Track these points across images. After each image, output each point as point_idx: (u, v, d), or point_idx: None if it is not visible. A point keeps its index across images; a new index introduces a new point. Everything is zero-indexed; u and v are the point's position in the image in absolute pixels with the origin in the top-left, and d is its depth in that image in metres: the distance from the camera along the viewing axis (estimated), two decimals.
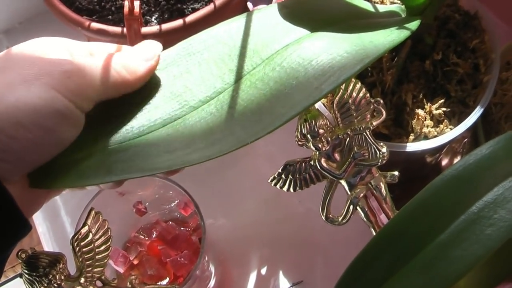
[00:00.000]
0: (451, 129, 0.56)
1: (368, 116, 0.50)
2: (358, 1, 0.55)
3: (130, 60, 0.45)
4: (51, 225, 0.75)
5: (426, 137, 0.55)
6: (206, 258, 0.63)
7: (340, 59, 0.44)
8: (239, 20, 0.50)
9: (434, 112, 0.56)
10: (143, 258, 0.60)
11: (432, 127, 0.56)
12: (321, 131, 0.49)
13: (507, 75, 0.63)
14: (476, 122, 0.56)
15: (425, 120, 0.56)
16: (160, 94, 0.46)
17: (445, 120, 0.56)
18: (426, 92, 0.57)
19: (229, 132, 0.43)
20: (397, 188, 0.54)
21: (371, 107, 0.49)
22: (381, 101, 0.49)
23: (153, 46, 0.47)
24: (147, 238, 0.61)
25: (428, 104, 0.56)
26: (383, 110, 0.49)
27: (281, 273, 0.70)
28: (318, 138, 0.49)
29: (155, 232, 0.61)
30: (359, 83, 0.49)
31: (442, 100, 0.56)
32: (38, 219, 0.76)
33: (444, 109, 0.56)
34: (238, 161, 0.73)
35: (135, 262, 0.60)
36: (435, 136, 0.55)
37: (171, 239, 0.60)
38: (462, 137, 0.70)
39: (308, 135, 0.49)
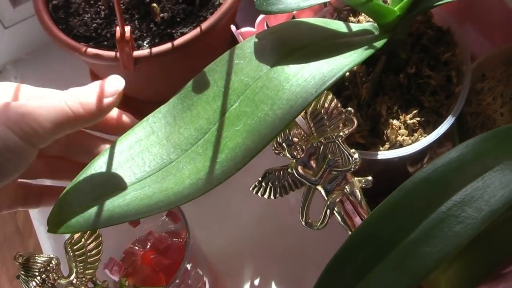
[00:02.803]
0: (425, 137, 0.59)
1: (340, 125, 0.53)
2: (332, 22, 0.59)
3: (86, 97, 0.49)
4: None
5: (401, 145, 0.59)
6: (200, 272, 0.66)
7: (300, 89, 0.49)
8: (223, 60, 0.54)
9: (409, 121, 0.59)
10: (137, 267, 0.63)
11: (406, 136, 0.59)
12: (295, 139, 0.52)
13: (482, 86, 0.66)
14: (449, 129, 0.59)
15: (399, 130, 0.59)
16: (158, 142, 0.51)
17: (420, 129, 0.59)
18: (401, 103, 0.60)
19: (210, 171, 0.48)
20: (382, 197, 0.57)
21: (343, 116, 0.53)
22: (352, 111, 0.52)
23: (115, 82, 0.51)
24: (141, 249, 0.65)
25: (403, 114, 0.60)
26: (354, 119, 0.52)
27: (273, 284, 0.73)
28: (293, 147, 0.52)
29: (149, 244, 0.65)
30: (331, 95, 0.53)
31: (416, 111, 0.60)
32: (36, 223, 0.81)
33: (418, 118, 0.59)
34: (232, 176, 0.77)
35: (130, 271, 0.63)
36: (410, 144, 0.58)
37: (164, 249, 0.64)
38: (446, 148, 0.73)
39: (284, 144, 0.52)
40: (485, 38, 0.82)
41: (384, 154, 0.58)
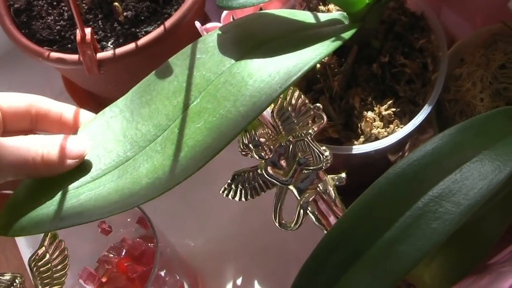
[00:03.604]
0: (402, 128, 0.57)
1: (309, 121, 0.50)
2: (299, 13, 0.57)
3: (49, 153, 0.47)
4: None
5: (376, 138, 0.56)
6: (177, 277, 0.64)
7: (264, 85, 0.47)
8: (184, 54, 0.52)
9: (384, 113, 0.57)
10: (111, 275, 0.61)
11: (382, 128, 0.56)
12: (262, 140, 0.50)
13: (460, 71, 0.64)
14: (426, 119, 0.57)
15: (374, 122, 0.56)
16: (114, 138, 0.48)
17: (396, 120, 0.57)
18: (375, 94, 0.58)
19: (169, 170, 0.45)
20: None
21: (312, 112, 0.50)
22: (321, 106, 0.50)
23: (80, 145, 0.48)
24: (116, 257, 0.63)
25: (378, 105, 0.57)
26: (323, 115, 0.50)
27: (256, 283, 0.71)
28: (260, 147, 0.50)
29: (124, 251, 0.63)
30: (297, 91, 0.50)
31: (391, 101, 0.57)
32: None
33: (393, 109, 0.57)
34: (210, 177, 0.75)
35: (104, 280, 0.62)
36: (386, 136, 0.56)
37: (139, 255, 0.62)
38: (428, 134, 0.71)
39: (250, 145, 0.50)
40: (466, 21, 0.80)
41: (358, 148, 0.56)
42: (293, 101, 0.50)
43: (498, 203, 0.51)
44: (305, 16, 0.57)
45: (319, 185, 0.51)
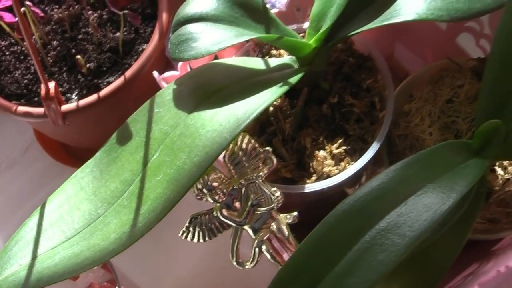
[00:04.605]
0: (352, 165, 0.59)
1: (260, 164, 0.53)
2: (250, 60, 0.60)
3: None
4: None
5: (328, 176, 0.59)
6: None
7: (215, 134, 0.50)
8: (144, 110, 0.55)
9: (335, 151, 0.60)
10: None
11: (333, 166, 0.59)
12: (215, 184, 0.53)
13: (409, 107, 0.67)
14: (376, 155, 0.60)
15: (325, 160, 0.59)
16: (86, 198, 0.51)
17: (347, 158, 0.60)
18: (326, 134, 0.61)
19: (133, 224, 0.48)
20: None
21: (262, 156, 0.53)
22: (270, 150, 0.53)
23: None
24: None
25: (329, 144, 0.60)
26: (273, 157, 0.53)
27: None
28: (213, 191, 0.53)
29: None
30: (247, 136, 0.53)
31: (342, 139, 0.60)
32: None
33: (344, 147, 0.60)
34: (178, 217, 0.77)
35: None
36: (337, 174, 0.59)
37: None
38: (384, 167, 0.73)
39: (204, 189, 0.53)
40: (419, 57, 0.84)
41: (311, 186, 0.58)
42: (244, 146, 0.53)
43: (450, 229, 0.53)
44: (256, 63, 0.60)
45: (272, 224, 0.54)
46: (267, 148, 0.53)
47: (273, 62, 0.60)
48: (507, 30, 0.53)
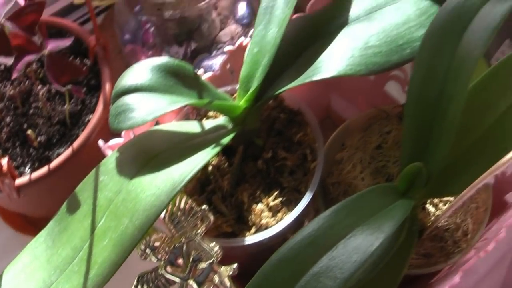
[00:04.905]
0: (289, 215, 0.64)
1: (198, 222, 0.57)
2: (187, 124, 0.64)
3: None
4: None
5: (266, 227, 0.63)
6: None
7: (154, 198, 0.54)
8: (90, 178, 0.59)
9: (271, 204, 0.64)
10: None
11: (271, 217, 0.63)
12: (157, 244, 0.57)
13: (341, 155, 0.72)
14: (310, 203, 0.64)
15: (262, 213, 0.64)
16: (40, 266, 0.55)
17: (283, 208, 0.64)
18: (263, 187, 0.65)
19: None
20: None
21: (199, 214, 0.57)
22: (206, 208, 0.57)
23: None
24: None
25: (266, 197, 0.64)
26: (209, 215, 0.57)
27: None
28: (156, 250, 0.57)
29: None
30: (185, 196, 0.57)
31: (277, 192, 0.65)
32: None
33: (280, 199, 0.64)
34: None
35: None
36: (274, 225, 0.63)
37: None
38: None
39: (147, 250, 0.57)
40: (353, 105, 0.89)
41: (250, 239, 0.62)
42: (182, 206, 0.57)
43: (385, 267, 0.57)
44: (192, 126, 0.64)
45: (214, 277, 0.57)
46: (204, 207, 0.57)
47: (208, 124, 0.65)
48: (418, 79, 0.57)
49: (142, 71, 0.61)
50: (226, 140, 0.60)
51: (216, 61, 0.88)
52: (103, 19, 1.03)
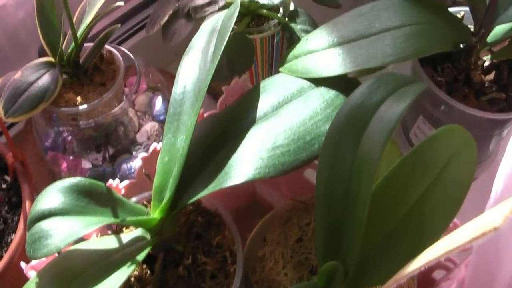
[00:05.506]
0: None
1: None
2: (106, 240, 0.65)
3: None
4: None
5: None
6: None
7: None
8: None
9: None
10: None
11: None
12: None
13: (263, 251, 0.73)
14: None
15: None
16: None
17: None
18: None
19: None
20: None
21: None
22: None
23: None
24: None
25: None
26: None
27: None
28: None
29: None
30: None
31: None
32: None
33: None
34: None
35: None
36: None
37: None
38: None
39: None
40: (277, 192, 0.91)
41: None
42: None
43: None
44: (111, 241, 0.65)
45: None
46: None
47: (127, 237, 0.65)
48: (323, 177, 0.58)
49: (54, 194, 0.62)
50: (142, 256, 0.61)
51: (135, 163, 0.89)
52: (24, 125, 1.04)
